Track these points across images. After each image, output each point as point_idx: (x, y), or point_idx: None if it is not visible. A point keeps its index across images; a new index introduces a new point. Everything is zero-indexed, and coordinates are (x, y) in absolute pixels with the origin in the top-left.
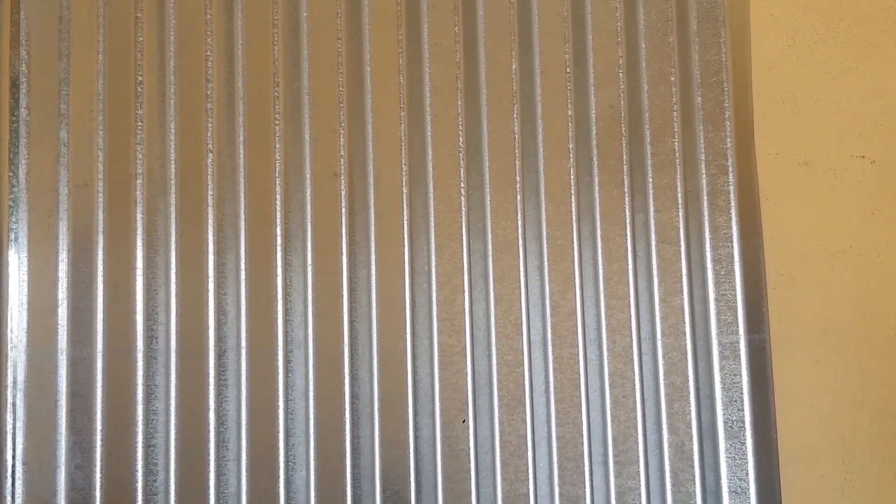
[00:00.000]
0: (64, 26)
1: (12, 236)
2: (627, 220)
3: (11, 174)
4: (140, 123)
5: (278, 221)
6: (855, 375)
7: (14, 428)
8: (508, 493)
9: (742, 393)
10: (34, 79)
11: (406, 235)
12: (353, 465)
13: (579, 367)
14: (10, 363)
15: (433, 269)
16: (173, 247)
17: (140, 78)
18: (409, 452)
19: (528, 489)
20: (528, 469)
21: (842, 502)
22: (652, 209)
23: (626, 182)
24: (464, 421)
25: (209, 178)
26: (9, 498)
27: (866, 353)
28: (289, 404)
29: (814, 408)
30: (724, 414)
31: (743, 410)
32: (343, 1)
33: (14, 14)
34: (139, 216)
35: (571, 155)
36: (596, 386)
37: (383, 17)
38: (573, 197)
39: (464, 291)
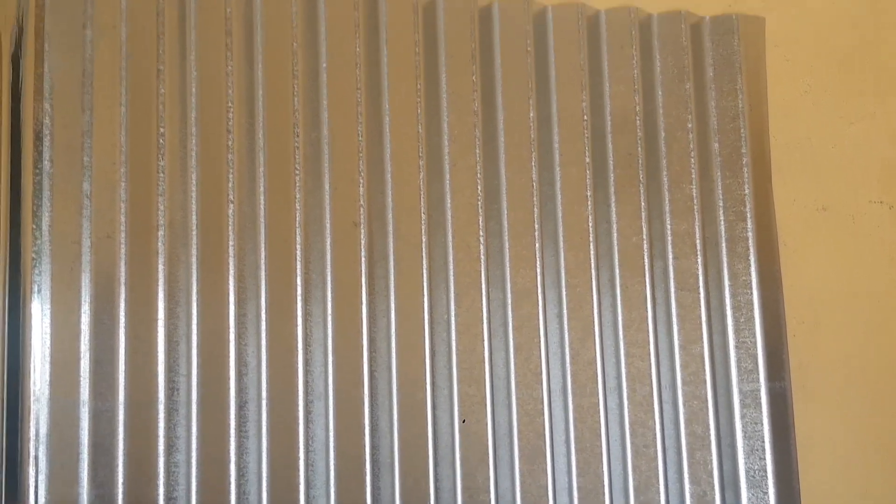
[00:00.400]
0: (87, 79)
1: (35, 288)
2: (646, 268)
3: (35, 227)
4: (162, 175)
5: (298, 271)
6: (878, 422)
7: (36, 481)
8: None
9: (763, 441)
10: (57, 132)
11: (425, 284)
12: None
13: (600, 417)
14: (32, 416)
15: (452, 318)
16: (194, 297)
17: (162, 129)
18: (430, 503)
19: None
20: None
21: None
22: (671, 256)
23: (644, 229)
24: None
25: (230, 228)
26: None
27: (889, 400)
28: (309, 455)
29: (837, 456)
30: (746, 463)
31: (765, 459)
32: (362, 52)
33: (38, 68)
34: (161, 267)
35: (589, 202)
36: (616, 435)
37: (402, 66)
38: (591, 244)
39: (483, 340)
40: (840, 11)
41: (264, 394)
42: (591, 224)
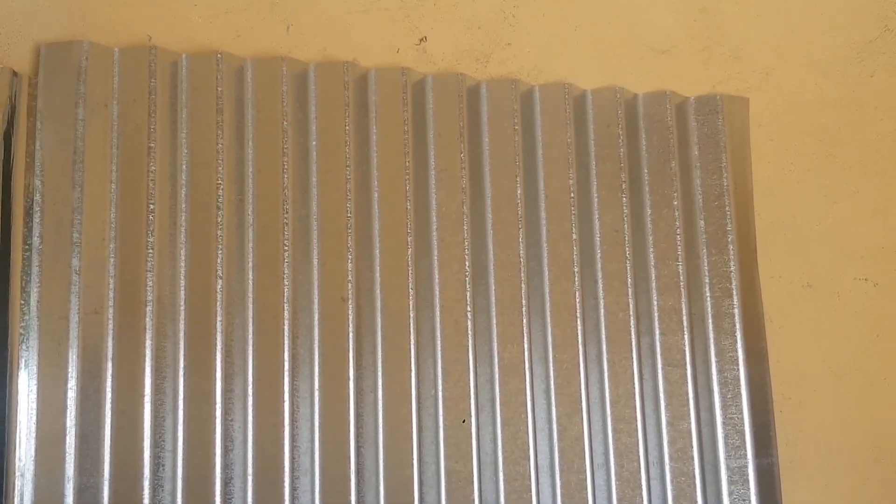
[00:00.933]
0: (78, 156)
1: (23, 363)
2: (633, 343)
3: (23, 302)
4: (151, 251)
5: (286, 346)
6: (864, 498)
7: None
8: None
9: None
10: (48, 208)
11: (413, 359)
12: None
13: (587, 493)
14: (17, 491)
15: (440, 394)
16: (181, 373)
17: (152, 206)
18: None
19: None
20: None
21: None
22: (657, 332)
23: (631, 305)
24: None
25: (218, 303)
26: None
27: (875, 476)
28: None
29: None
30: None
31: None
32: (352, 129)
33: (30, 145)
34: (148, 342)
35: (576, 278)
36: None
37: (391, 144)
38: (579, 320)
39: (470, 416)
40: (822, 91)
41: (250, 470)
42: (578, 300)
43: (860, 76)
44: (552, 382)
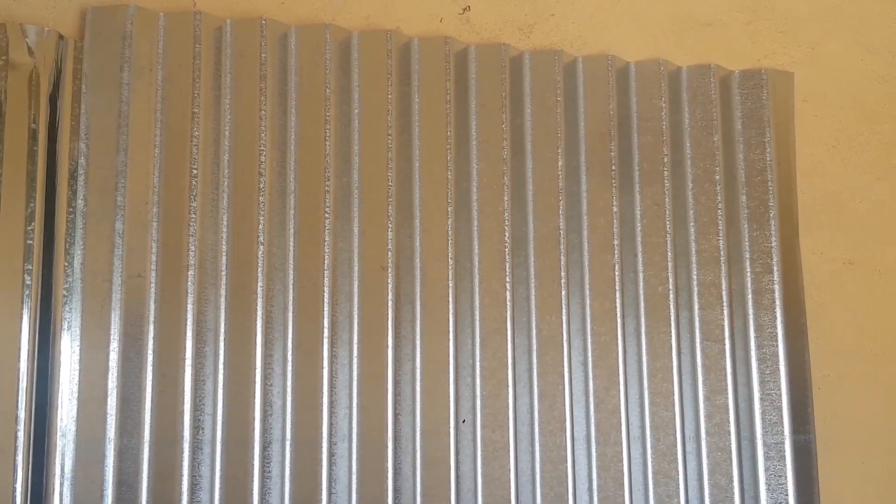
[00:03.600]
0: (123, 120)
1: (66, 325)
2: (672, 317)
3: (67, 264)
4: (193, 216)
5: (325, 313)
6: None
7: None
8: None
9: (787, 495)
10: (92, 171)
11: (451, 329)
12: None
13: (623, 466)
14: (58, 452)
15: (477, 364)
16: (222, 337)
17: (195, 171)
18: None
19: None
20: None
21: None
22: (696, 306)
23: (670, 279)
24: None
25: (259, 270)
26: None
27: None
28: (332, 498)
29: None
30: None
31: None
32: (394, 98)
33: (75, 108)
34: (190, 307)
35: (616, 251)
36: (640, 485)
37: (433, 114)
38: (617, 293)
39: (508, 386)
40: (869, 67)
41: (288, 434)
42: (617, 273)
43: None
44: (590, 355)
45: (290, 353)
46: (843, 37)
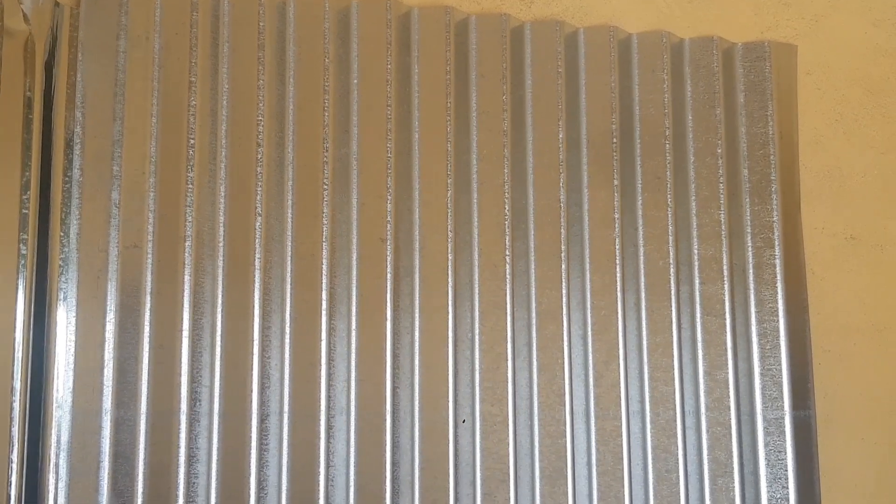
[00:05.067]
0: (119, 89)
1: (61, 295)
2: (672, 292)
3: (62, 234)
4: (190, 186)
5: (324, 286)
6: None
7: (56, 488)
8: None
9: (787, 470)
10: (88, 140)
11: (450, 302)
12: None
13: (622, 440)
14: (54, 423)
15: (476, 337)
16: (219, 309)
17: (192, 141)
18: None
19: None
20: None
21: None
22: (697, 281)
23: (671, 253)
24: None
25: (257, 241)
26: None
27: None
28: (329, 470)
29: (859, 486)
30: (769, 491)
31: (787, 488)
32: (393, 69)
33: (71, 77)
34: (187, 278)
35: (617, 225)
36: (639, 459)
37: (432, 84)
38: (618, 267)
39: (507, 360)
40: (872, 41)
41: (286, 407)
42: (617, 247)
43: None
44: (590, 329)
45: (287, 325)
46: (848, 9)
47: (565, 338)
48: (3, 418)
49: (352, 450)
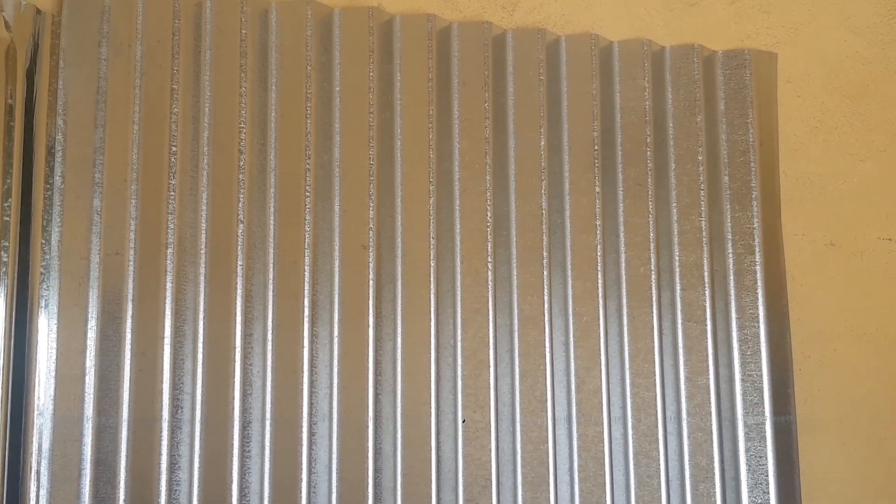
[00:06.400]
0: (101, 96)
1: (43, 303)
2: (654, 298)
3: (44, 241)
4: (172, 193)
5: (306, 293)
6: (882, 459)
7: (37, 496)
8: None
9: (767, 475)
10: (70, 147)
11: (432, 309)
12: None
13: (604, 446)
14: (35, 430)
15: (459, 344)
16: (201, 316)
17: (174, 148)
18: None
19: None
20: None
21: None
22: (678, 287)
23: (652, 260)
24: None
25: (239, 248)
26: None
27: (893, 436)
28: (312, 477)
29: (839, 491)
30: (750, 496)
31: (768, 493)
32: (376, 76)
33: (52, 84)
34: (168, 285)
35: (598, 231)
36: (620, 465)
37: (414, 92)
38: (600, 273)
39: (489, 366)
40: (852, 49)
41: (268, 414)
42: (599, 253)
43: (890, 35)
44: (571, 335)
45: (270, 332)
46: (827, 18)
47: (547, 344)
48: None
49: (334, 456)
